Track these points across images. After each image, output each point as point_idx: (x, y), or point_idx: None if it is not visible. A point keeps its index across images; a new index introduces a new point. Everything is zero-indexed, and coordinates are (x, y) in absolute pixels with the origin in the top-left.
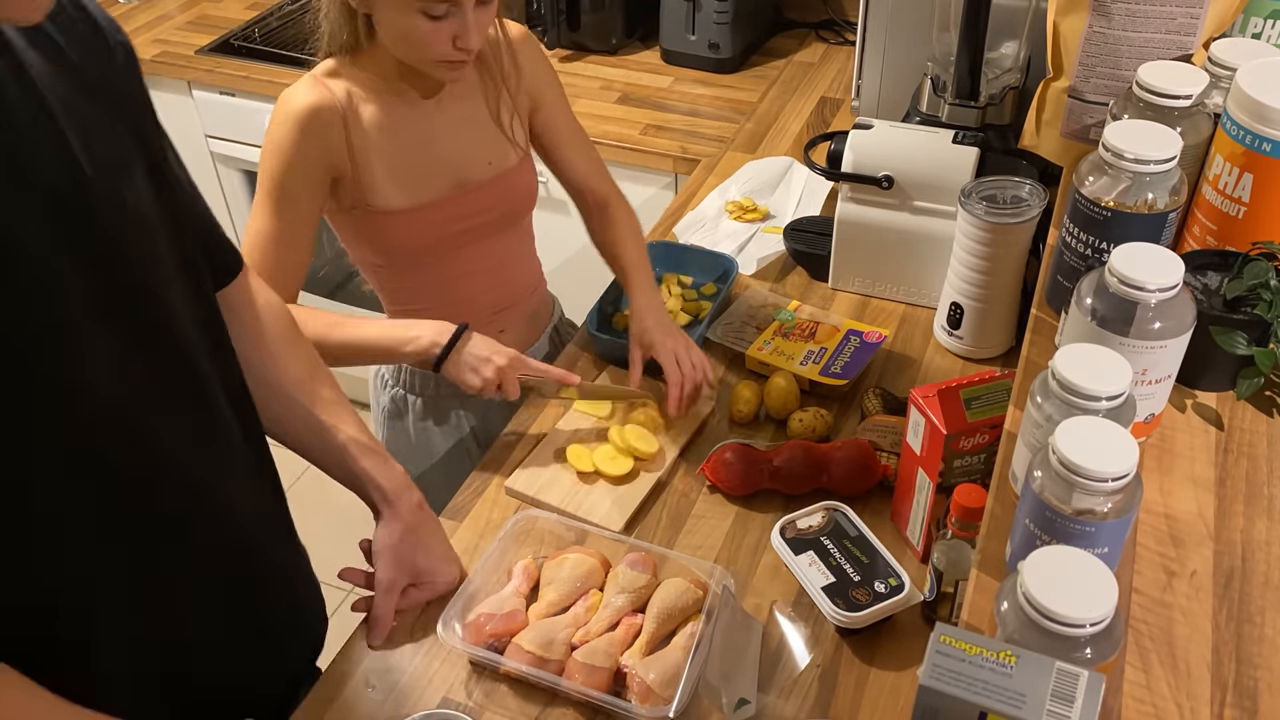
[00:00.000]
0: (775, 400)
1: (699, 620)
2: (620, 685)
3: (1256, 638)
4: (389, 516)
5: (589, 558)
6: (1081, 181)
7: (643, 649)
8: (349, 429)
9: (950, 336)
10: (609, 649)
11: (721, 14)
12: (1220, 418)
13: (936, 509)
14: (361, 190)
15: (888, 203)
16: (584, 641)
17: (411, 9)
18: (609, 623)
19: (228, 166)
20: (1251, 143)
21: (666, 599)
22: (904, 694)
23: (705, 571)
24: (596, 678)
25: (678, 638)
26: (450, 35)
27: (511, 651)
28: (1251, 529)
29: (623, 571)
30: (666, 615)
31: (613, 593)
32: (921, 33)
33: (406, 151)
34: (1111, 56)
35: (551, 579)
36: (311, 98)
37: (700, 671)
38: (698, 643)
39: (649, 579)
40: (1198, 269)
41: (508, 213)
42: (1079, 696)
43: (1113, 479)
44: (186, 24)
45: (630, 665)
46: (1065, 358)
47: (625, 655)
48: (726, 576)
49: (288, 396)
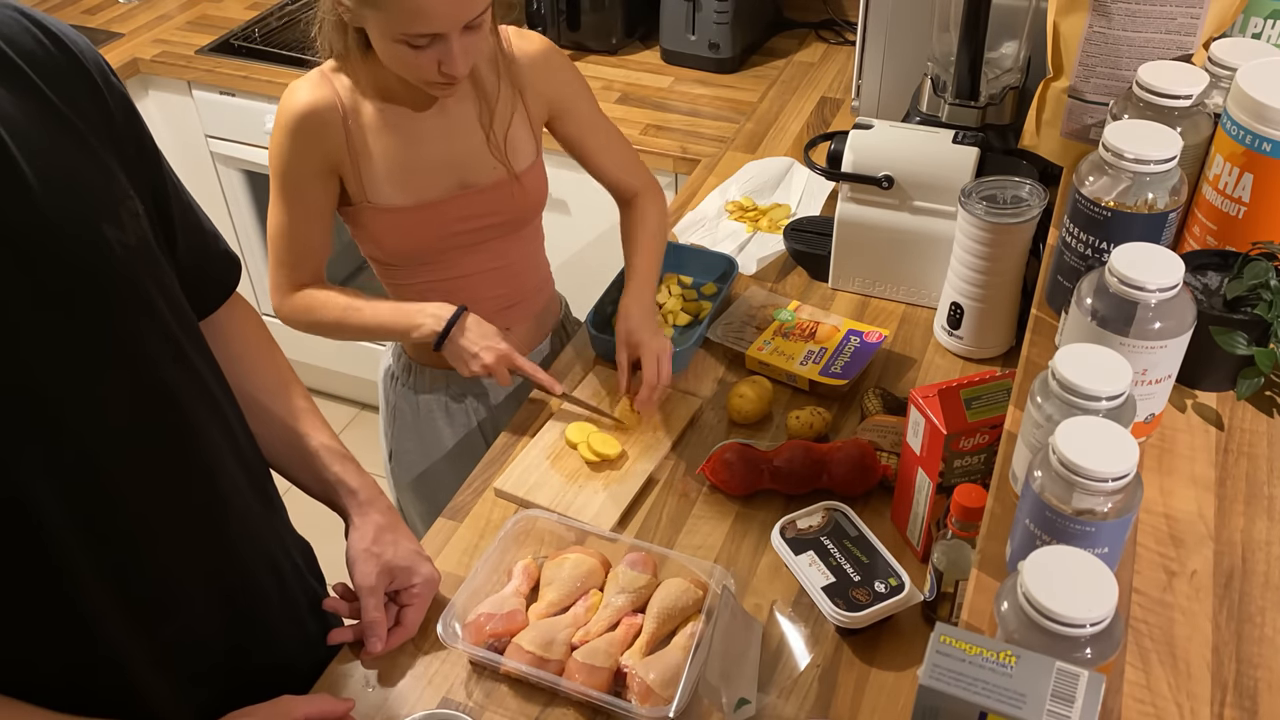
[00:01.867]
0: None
1: (699, 620)
2: (620, 685)
3: (1257, 638)
4: (360, 519)
5: (589, 558)
6: (1082, 181)
7: (643, 649)
8: (321, 436)
9: (950, 336)
10: (609, 649)
11: (721, 14)
12: (1220, 418)
13: (936, 509)
14: (362, 187)
15: (888, 203)
16: (584, 641)
17: (395, 37)
18: (609, 623)
19: (228, 166)
20: (1251, 143)
21: (667, 599)
22: (904, 694)
23: (705, 571)
24: (597, 678)
25: (678, 638)
26: (435, 61)
27: (511, 651)
28: (1252, 529)
29: (623, 571)
30: (667, 615)
31: (613, 593)
32: (922, 32)
33: (407, 151)
34: (1112, 56)
35: (551, 579)
36: (310, 97)
37: (700, 671)
38: (697, 642)
39: (649, 579)
40: (1198, 269)
41: (514, 217)
42: (1079, 696)
43: (1113, 479)
44: (186, 24)
45: (630, 665)
46: (1065, 358)
47: (625, 655)
48: (727, 576)
49: (261, 406)
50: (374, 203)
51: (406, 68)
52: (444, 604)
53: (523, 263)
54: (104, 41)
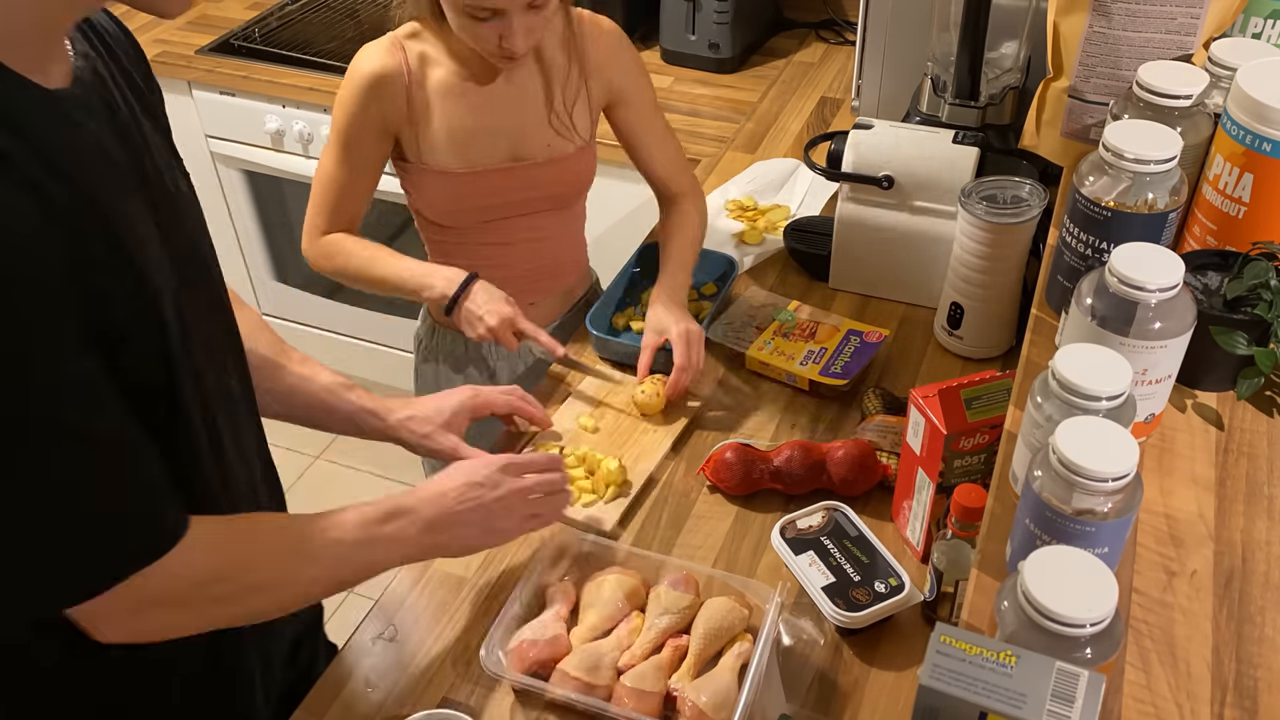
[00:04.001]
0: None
1: (745, 639)
2: (670, 709)
3: (1257, 638)
4: (398, 426)
5: (629, 578)
6: (1082, 181)
7: (690, 671)
8: (325, 376)
9: (950, 336)
10: (657, 672)
11: (721, 14)
12: (1220, 418)
13: (936, 509)
14: (419, 148)
15: (888, 203)
16: (630, 665)
17: (459, 8)
18: (654, 644)
19: (228, 166)
20: (1251, 143)
21: (712, 619)
22: (904, 694)
23: (755, 591)
24: (648, 703)
25: (725, 658)
26: (497, 35)
27: (557, 678)
28: (1252, 529)
29: (665, 592)
30: (713, 635)
31: (655, 614)
32: (922, 32)
33: (466, 119)
34: (1112, 56)
35: (591, 601)
36: (377, 64)
37: (756, 694)
38: (755, 667)
39: (693, 599)
40: (1198, 269)
41: (559, 194)
42: (1079, 696)
43: (1113, 479)
44: (186, 24)
45: (680, 688)
46: (1065, 358)
47: (673, 678)
48: (779, 595)
49: (272, 364)
50: (428, 164)
51: (471, 37)
52: (446, 608)
53: (561, 239)
54: None
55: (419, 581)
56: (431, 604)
